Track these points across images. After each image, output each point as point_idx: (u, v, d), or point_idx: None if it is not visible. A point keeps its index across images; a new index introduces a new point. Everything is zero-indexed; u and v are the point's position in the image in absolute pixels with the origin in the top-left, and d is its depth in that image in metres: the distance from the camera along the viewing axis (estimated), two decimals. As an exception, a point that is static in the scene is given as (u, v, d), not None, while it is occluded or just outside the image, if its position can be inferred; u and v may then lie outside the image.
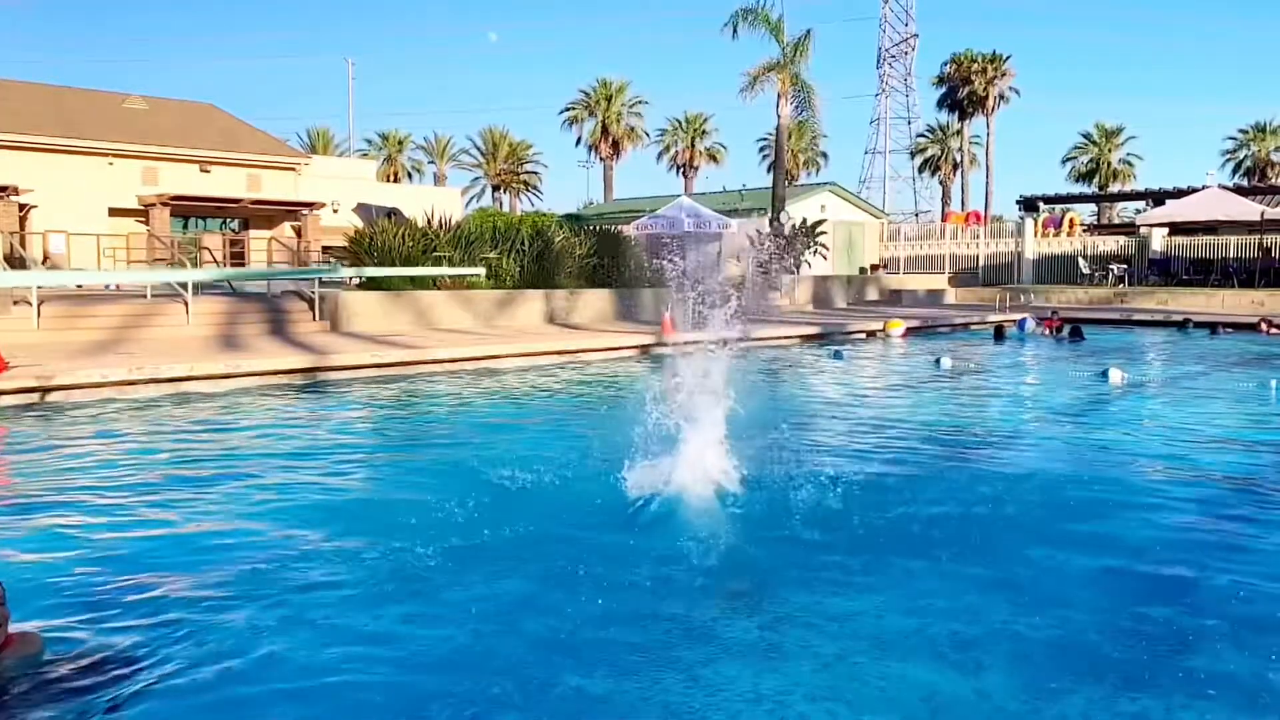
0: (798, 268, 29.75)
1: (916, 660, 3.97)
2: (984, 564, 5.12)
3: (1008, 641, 4.12)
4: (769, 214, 30.27)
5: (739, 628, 4.27)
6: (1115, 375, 12.83)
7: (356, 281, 19.16)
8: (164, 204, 32.32)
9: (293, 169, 37.40)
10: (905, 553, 5.22)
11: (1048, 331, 19.45)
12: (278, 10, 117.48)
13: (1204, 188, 32.74)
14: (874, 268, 36.45)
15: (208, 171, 34.74)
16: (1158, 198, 35.33)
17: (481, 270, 18.89)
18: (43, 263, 27.15)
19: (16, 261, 24.37)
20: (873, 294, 29.70)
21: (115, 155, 32.55)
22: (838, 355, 16.00)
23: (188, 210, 34.05)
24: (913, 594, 4.66)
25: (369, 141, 70.62)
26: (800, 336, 18.61)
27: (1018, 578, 4.90)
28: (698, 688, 3.69)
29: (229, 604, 4.44)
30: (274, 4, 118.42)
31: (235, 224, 36.05)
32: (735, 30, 28.19)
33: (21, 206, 29.63)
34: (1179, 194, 33.28)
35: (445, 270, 18.55)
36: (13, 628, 3.75)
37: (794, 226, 30.52)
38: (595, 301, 20.40)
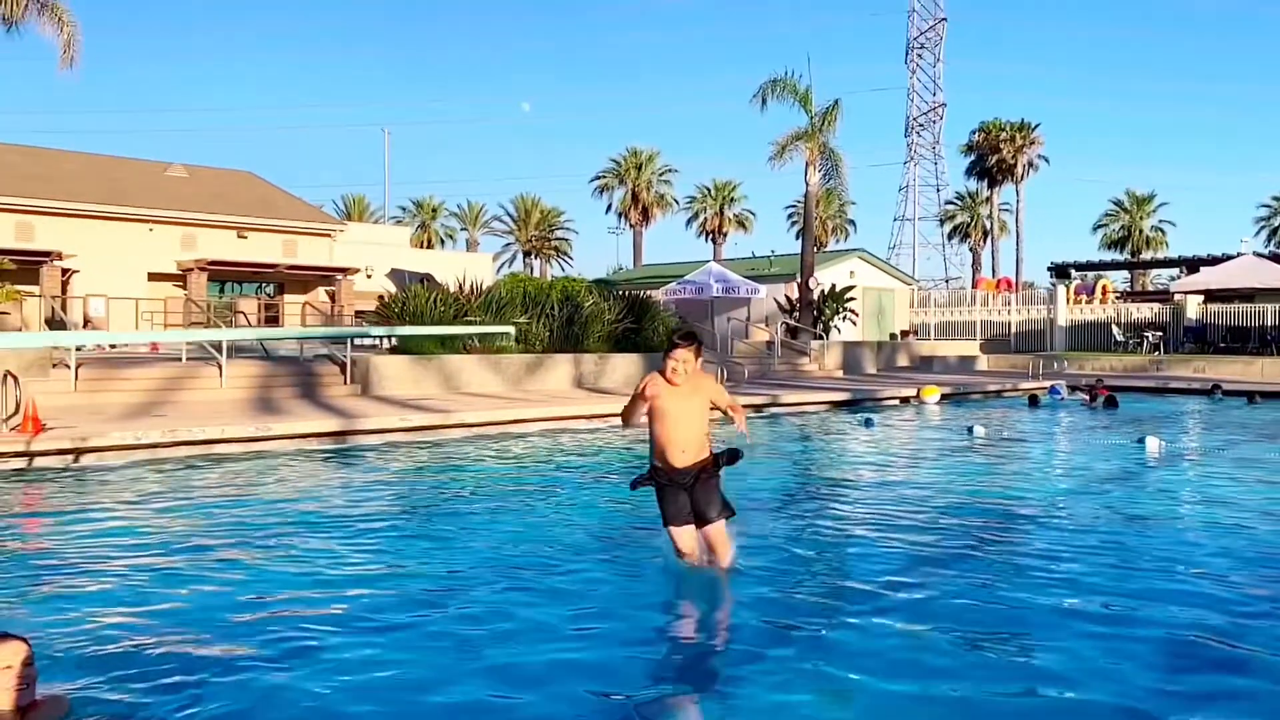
0: (827, 333, 29.68)
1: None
2: (1018, 641, 4.98)
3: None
4: (798, 280, 30.31)
5: (746, 699, 4.17)
6: (1153, 444, 12.60)
7: (388, 346, 19.33)
8: (201, 269, 32.94)
9: (328, 235, 38.06)
10: (935, 628, 5.09)
11: (1094, 399, 19.11)
12: (317, 82, 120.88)
13: (1239, 255, 32.48)
14: (904, 334, 36.31)
15: (245, 237, 35.42)
16: (1192, 265, 35.07)
17: (511, 329, 18.96)
18: (83, 326, 27.67)
19: (57, 324, 24.87)
20: (903, 360, 29.54)
21: (156, 222, 33.30)
22: (869, 423, 15.84)
23: (224, 275, 34.67)
24: (937, 667, 4.53)
25: (403, 208, 72.04)
26: (830, 403, 18.48)
27: (1054, 655, 4.75)
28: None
29: (258, 669, 4.40)
30: (313, 76, 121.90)
31: (270, 288, 36.63)
32: (764, 101, 28.56)
33: (65, 271, 30.31)
34: (1213, 261, 33.02)
35: (474, 329, 18.63)
36: (41, 690, 3.72)
37: (823, 292, 30.52)
38: (624, 366, 20.42)
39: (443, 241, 71.92)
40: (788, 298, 31.08)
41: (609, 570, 6.25)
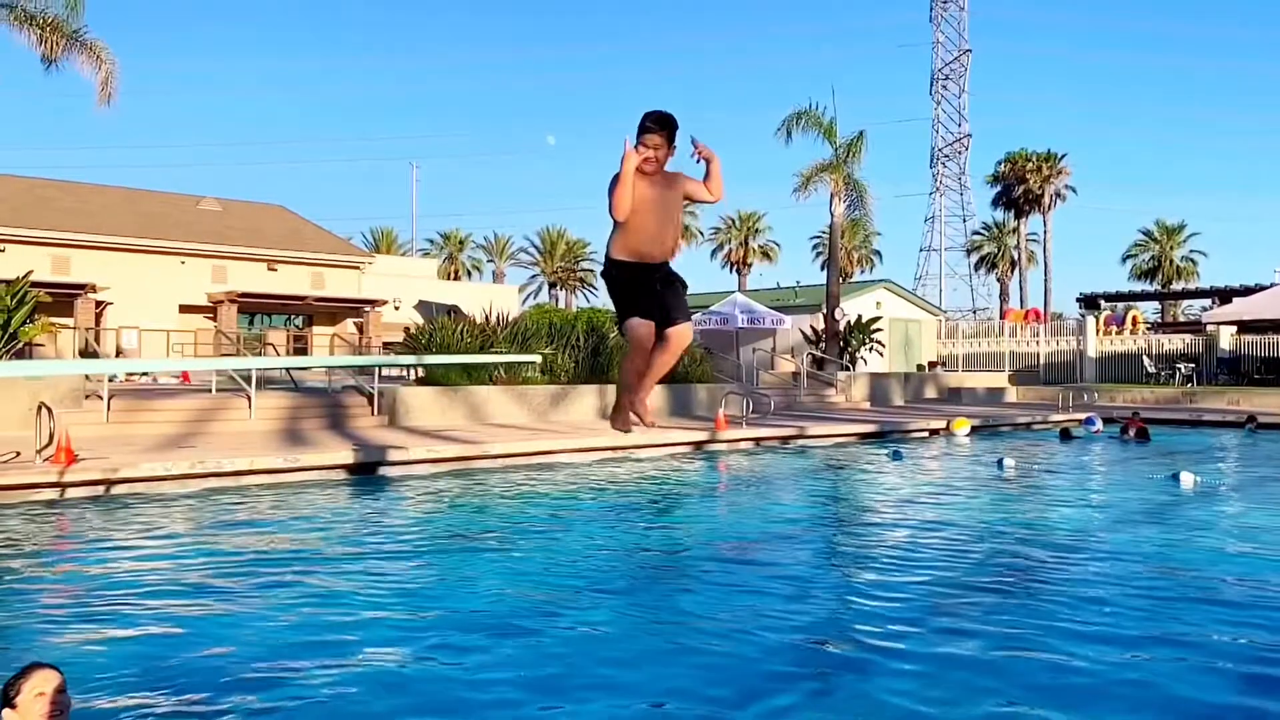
0: (853, 364, 29.53)
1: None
2: (1047, 678, 4.89)
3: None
4: (824, 311, 30.24)
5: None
6: (1187, 478, 12.39)
7: (415, 378, 19.40)
8: (232, 301, 33.37)
9: (356, 268, 38.45)
10: (964, 665, 5.01)
11: (1126, 431, 18.84)
12: (347, 116, 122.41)
13: (1272, 285, 32.07)
14: (931, 365, 36.07)
15: (275, 270, 35.85)
16: (1224, 295, 34.65)
17: (537, 358, 18.95)
18: (116, 357, 28.04)
19: (90, 356, 25.22)
20: (931, 391, 29.31)
21: (188, 255, 33.82)
22: (897, 455, 15.70)
23: (254, 307, 35.09)
24: (964, 703, 4.45)
25: (431, 241, 72.58)
26: (858, 435, 18.35)
27: (1085, 693, 4.65)
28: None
29: (285, 700, 4.39)
30: (343, 110, 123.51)
31: (299, 320, 37.01)
32: (789, 133, 28.61)
33: (99, 303, 30.80)
34: (1246, 291, 32.61)
35: (500, 358, 18.63)
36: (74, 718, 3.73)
37: (849, 323, 30.41)
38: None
39: (469, 273, 72.40)
40: (813, 329, 31.00)
41: (636, 601, 6.21)
